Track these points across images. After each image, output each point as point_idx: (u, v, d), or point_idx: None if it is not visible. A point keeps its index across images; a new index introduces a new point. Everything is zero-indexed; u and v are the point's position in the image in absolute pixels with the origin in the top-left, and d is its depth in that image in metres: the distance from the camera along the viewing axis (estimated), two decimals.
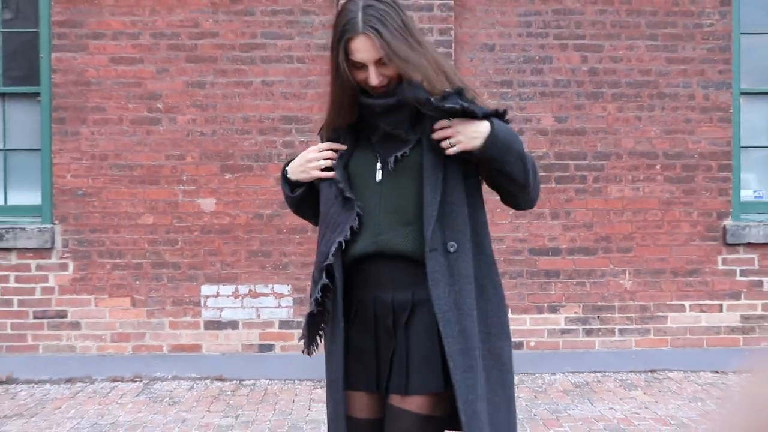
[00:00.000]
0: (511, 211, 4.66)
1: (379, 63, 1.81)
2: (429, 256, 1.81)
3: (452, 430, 1.86)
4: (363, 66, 1.83)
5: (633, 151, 5.05)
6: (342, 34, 1.83)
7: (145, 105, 4.92)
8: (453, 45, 4.85)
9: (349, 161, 1.93)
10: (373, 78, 1.82)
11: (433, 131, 1.82)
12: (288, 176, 2.00)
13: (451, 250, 1.84)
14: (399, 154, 1.86)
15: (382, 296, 1.88)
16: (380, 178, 1.89)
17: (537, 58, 5.00)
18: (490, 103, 1.89)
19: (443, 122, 1.81)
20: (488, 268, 1.94)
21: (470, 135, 1.80)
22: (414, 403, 1.81)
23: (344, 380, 1.86)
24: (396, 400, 1.82)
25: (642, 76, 5.04)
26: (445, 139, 1.82)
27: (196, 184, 4.92)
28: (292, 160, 2.03)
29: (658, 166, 5.06)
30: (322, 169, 1.93)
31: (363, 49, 1.80)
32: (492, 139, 1.79)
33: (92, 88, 4.92)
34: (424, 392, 1.81)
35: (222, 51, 4.91)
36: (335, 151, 1.94)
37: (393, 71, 1.82)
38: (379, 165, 1.89)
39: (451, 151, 1.81)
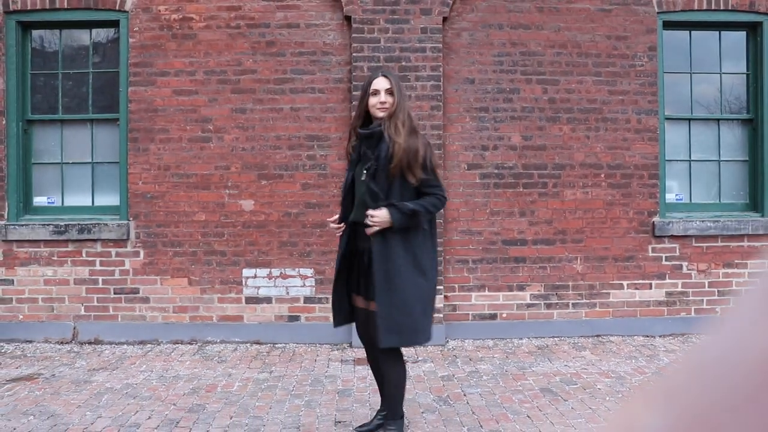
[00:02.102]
0: (488, 210, 4.95)
1: (387, 92, 2.70)
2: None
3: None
4: (376, 94, 2.72)
5: (583, 162, 5.08)
6: (370, 78, 2.78)
7: (199, 127, 4.97)
8: (441, 79, 4.88)
9: (354, 171, 2.80)
10: (382, 97, 2.70)
11: (388, 167, 2.67)
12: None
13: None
14: (368, 165, 2.68)
15: (360, 244, 2.74)
16: (364, 177, 2.72)
17: (508, 89, 5.02)
18: (416, 174, 2.70)
19: (371, 214, 2.66)
20: (416, 236, 2.74)
21: (384, 222, 2.67)
22: (373, 305, 2.66)
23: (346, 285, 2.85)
24: (369, 304, 2.73)
25: (590, 104, 5.08)
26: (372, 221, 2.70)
27: (238, 188, 4.95)
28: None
29: (602, 175, 5.10)
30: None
31: (380, 82, 2.74)
32: (395, 224, 2.65)
33: (159, 114, 4.97)
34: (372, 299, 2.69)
35: (259, 84, 4.96)
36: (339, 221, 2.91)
37: (392, 101, 2.69)
38: (364, 171, 2.71)
39: (369, 231, 2.69)
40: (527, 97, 5.05)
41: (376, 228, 2.65)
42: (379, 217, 2.65)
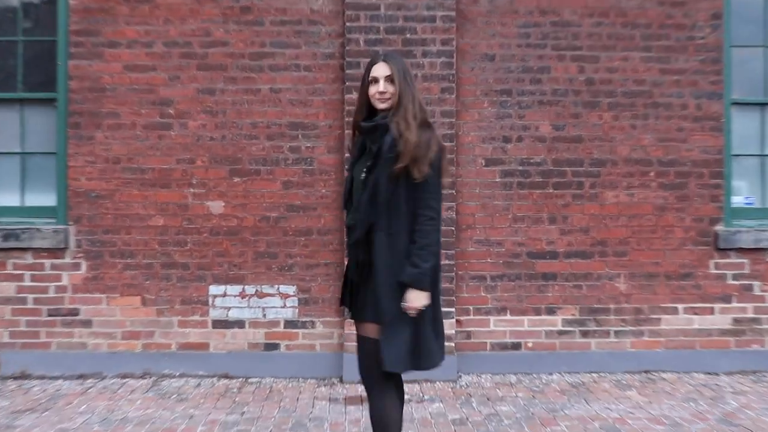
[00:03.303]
0: (510, 215, 4.92)
1: (386, 80, 2.69)
2: (375, 236, 2.65)
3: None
4: (375, 82, 2.71)
5: (628, 158, 4.98)
6: (370, 63, 2.77)
7: (157, 111, 4.84)
8: (455, 55, 4.73)
9: (352, 170, 2.79)
10: (381, 86, 2.69)
11: (394, 167, 2.64)
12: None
13: (391, 232, 2.65)
14: (368, 164, 2.69)
15: (356, 254, 2.74)
16: (363, 177, 2.71)
17: (536, 68, 4.92)
18: (432, 153, 2.66)
19: (408, 307, 2.65)
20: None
21: (419, 303, 2.66)
22: (363, 329, 2.72)
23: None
24: (356, 326, 2.78)
25: (637, 86, 4.97)
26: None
27: (205, 187, 4.84)
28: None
29: (652, 173, 5.00)
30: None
31: (379, 69, 2.72)
32: (420, 292, 2.66)
33: (107, 95, 4.85)
34: (368, 320, 2.70)
35: (232, 59, 4.83)
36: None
37: (394, 90, 2.67)
38: (364, 169, 2.70)
39: (412, 314, 2.67)
40: (559, 77, 4.95)
41: (417, 309, 2.67)
42: (415, 302, 2.65)
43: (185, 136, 4.85)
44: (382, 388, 2.72)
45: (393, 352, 2.60)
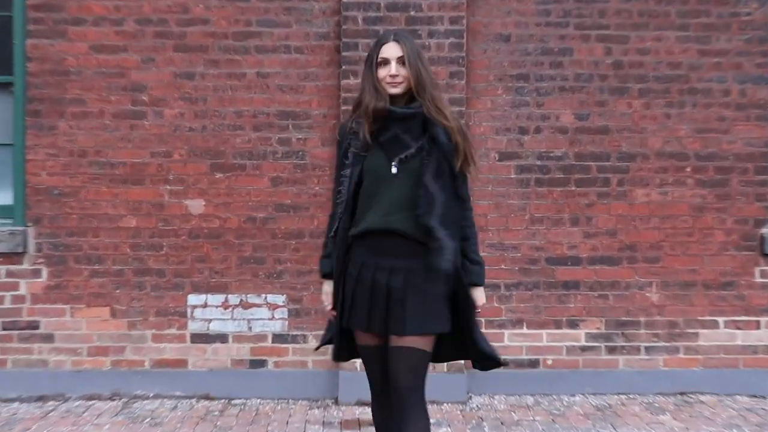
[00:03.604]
0: (527, 216, 4.88)
1: (398, 62, 2.66)
2: (435, 236, 2.61)
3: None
4: (385, 64, 2.67)
5: (661, 151, 4.85)
6: (378, 42, 2.74)
7: (128, 97, 4.75)
8: (465, 35, 4.59)
9: (365, 160, 2.69)
10: (393, 68, 2.65)
11: (443, 152, 2.68)
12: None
13: (448, 232, 2.65)
14: (408, 154, 2.63)
15: (381, 262, 2.64)
16: (396, 171, 2.64)
17: (556, 49, 4.78)
18: (454, 116, 2.76)
19: (479, 306, 2.80)
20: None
21: (484, 299, 2.88)
22: (411, 341, 2.62)
23: (349, 320, 2.73)
24: (396, 340, 2.63)
25: (672, 69, 4.84)
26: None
27: (183, 183, 4.75)
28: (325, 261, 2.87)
29: (688, 169, 4.87)
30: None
31: (391, 48, 2.68)
32: (483, 289, 2.87)
33: (71, 78, 4.73)
34: (420, 333, 2.64)
35: (213, 39, 4.72)
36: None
37: (406, 74, 2.64)
38: (395, 162, 2.63)
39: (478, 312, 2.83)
40: (583, 60, 4.84)
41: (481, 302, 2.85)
42: (483, 299, 2.85)
43: (161, 126, 4.76)
44: (425, 406, 2.74)
45: (489, 345, 2.81)
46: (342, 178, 2.74)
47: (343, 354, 2.86)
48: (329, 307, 2.80)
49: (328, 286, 2.79)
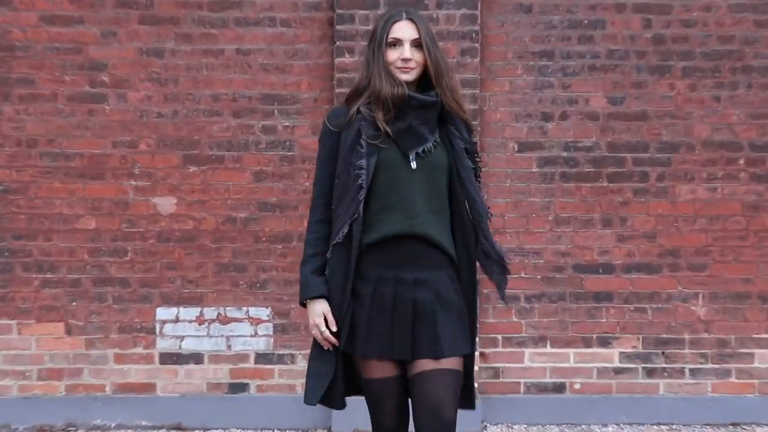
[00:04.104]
0: (551, 216, 4.75)
1: (412, 44, 2.55)
2: (464, 242, 2.59)
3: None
4: (397, 45, 2.55)
5: (709, 141, 4.65)
6: (389, 18, 2.61)
7: (86, 77, 4.58)
8: (479, 6, 4.43)
9: (379, 154, 2.53)
10: (406, 51, 2.53)
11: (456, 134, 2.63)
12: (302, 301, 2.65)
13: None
14: (426, 147, 2.52)
15: (403, 274, 2.49)
16: (416, 166, 2.51)
17: (586, 22, 4.60)
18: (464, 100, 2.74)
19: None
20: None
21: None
22: (449, 363, 2.49)
23: (352, 346, 2.53)
24: (429, 364, 2.46)
25: (722, 44, 4.64)
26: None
27: (151, 178, 4.60)
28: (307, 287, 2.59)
29: (741, 161, 4.66)
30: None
31: (404, 28, 2.56)
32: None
33: (17, 55, 4.57)
34: (456, 354, 2.54)
35: (186, 10, 4.55)
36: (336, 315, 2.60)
37: (420, 59, 2.54)
38: (412, 156, 2.52)
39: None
40: (617, 33, 4.68)
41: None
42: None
43: (124, 112, 4.61)
44: None
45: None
46: (355, 170, 2.51)
47: (339, 397, 2.59)
48: (326, 332, 2.53)
49: (323, 306, 2.52)
